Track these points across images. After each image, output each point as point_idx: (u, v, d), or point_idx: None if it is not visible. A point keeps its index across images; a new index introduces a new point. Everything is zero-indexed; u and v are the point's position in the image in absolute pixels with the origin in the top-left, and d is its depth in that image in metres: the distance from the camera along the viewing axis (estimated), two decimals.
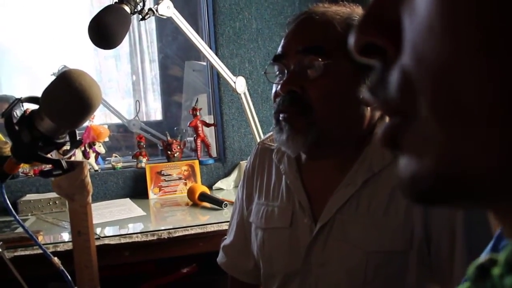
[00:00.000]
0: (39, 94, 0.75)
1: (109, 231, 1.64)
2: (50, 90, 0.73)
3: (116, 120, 2.79)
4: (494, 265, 0.29)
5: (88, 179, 0.79)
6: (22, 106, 0.77)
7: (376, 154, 0.87)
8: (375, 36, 0.25)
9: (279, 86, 0.87)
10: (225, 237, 1.16)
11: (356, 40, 0.26)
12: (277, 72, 0.89)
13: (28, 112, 0.76)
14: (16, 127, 0.74)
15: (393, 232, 0.84)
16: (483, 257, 0.30)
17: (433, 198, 0.25)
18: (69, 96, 0.72)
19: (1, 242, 0.81)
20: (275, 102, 0.89)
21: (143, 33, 3.87)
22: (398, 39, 0.24)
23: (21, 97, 0.76)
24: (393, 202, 0.84)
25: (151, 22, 3.64)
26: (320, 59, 0.83)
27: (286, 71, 0.86)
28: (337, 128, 0.86)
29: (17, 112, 0.76)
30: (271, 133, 1.06)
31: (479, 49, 0.21)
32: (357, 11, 0.90)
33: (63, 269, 0.84)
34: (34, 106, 0.76)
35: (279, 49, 0.90)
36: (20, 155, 0.76)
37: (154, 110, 3.99)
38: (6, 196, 0.80)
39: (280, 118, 0.87)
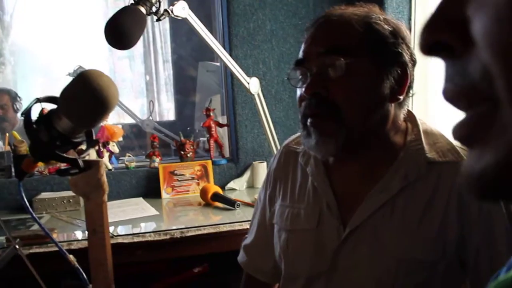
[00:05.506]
0: (54, 93, 0.76)
1: (122, 230, 1.65)
2: (68, 90, 0.74)
3: (130, 120, 2.82)
4: None
5: (104, 178, 0.80)
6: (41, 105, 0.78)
7: (411, 163, 0.87)
8: (443, 34, 0.27)
9: (303, 90, 0.87)
10: (246, 236, 1.17)
11: (424, 39, 0.28)
12: (300, 77, 0.90)
13: (45, 112, 0.77)
14: (35, 126, 0.75)
15: (426, 242, 0.84)
16: None
17: (499, 191, 0.26)
18: (86, 96, 0.72)
19: (18, 239, 0.82)
20: (300, 106, 0.89)
21: (157, 34, 3.89)
22: (464, 35, 0.26)
23: (40, 97, 0.77)
24: (428, 212, 0.85)
25: (165, 23, 3.66)
26: (341, 59, 0.83)
27: (309, 75, 0.87)
28: (363, 125, 0.86)
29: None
30: (295, 136, 1.07)
31: None
32: (375, 10, 0.90)
33: (78, 267, 0.85)
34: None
35: (300, 53, 0.90)
36: (38, 154, 0.77)
37: (167, 110, 4.01)
38: (23, 194, 0.82)
39: (308, 123, 0.88)
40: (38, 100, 0.77)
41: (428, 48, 0.28)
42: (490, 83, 0.25)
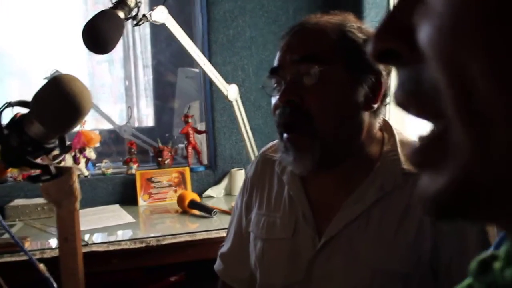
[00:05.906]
0: (30, 98, 0.75)
1: (97, 237, 1.63)
2: (40, 95, 0.72)
3: (108, 126, 2.78)
4: (495, 260, 0.30)
5: (77, 185, 0.78)
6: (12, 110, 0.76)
7: (388, 174, 0.87)
8: (391, 42, 0.27)
9: (278, 98, 0.87)
10: (223, 244, 1.15)
11: (373, 46, 0.28)
12: (275, 85, 0.90)
13: (18, 116, 0.75)
14: (5, 131, 0.73)
15: (402, 253, 0.84)
16: (485, 253, 0.31)
17: (454, 213, 0.25)
18: (59, 101, 0.71)
19: None
20: (274, 115, 0.89)
21: (137, 39, 3.86)
22: (412, 43, 0.25)
23: (11, 101, 0.75)
24: (404, 223, 0.84)
25: (145, 27, 3.62)
26: (316, 66, 0.83)
27: (283, 83, 0.87)
28: (337, 134, 0.86)
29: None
30: (272, 143, 1.06)
31: (482, 48, 0.21)
32: (349, 18, 0.91)
33: (49, 276, 0.83)
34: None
35: (275, 62, 0.90)
36: (9, 159, 0.75)
37: (146, 116, 3.97)
38: None
39: (284, 139, 0.88)
40: (9, 104, 0.75)
41: (378, 55, 0.28)
42: (438, 97, 0.24)
